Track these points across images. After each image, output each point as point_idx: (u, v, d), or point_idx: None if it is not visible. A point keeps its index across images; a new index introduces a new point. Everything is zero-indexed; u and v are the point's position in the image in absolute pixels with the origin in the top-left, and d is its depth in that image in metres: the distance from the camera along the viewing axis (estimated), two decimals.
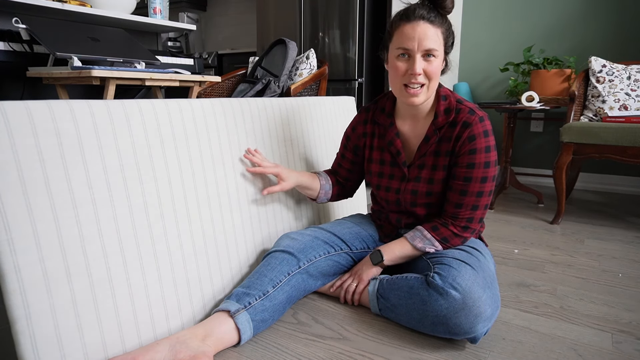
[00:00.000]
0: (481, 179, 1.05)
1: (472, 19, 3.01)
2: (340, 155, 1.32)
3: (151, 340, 0.93)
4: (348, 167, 1.31)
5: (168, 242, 0.97)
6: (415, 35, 1.00)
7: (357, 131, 1.26)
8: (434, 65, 1.02)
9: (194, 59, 2.28)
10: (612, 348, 0.98)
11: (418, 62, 1.01)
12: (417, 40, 1.00)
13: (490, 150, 1.05)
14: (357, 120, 1.26)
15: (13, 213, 0.74)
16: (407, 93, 1.04)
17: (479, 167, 1.05)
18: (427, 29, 1.00)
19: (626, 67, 2.13)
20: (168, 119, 1.00)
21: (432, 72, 1.02)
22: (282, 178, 1.19)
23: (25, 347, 0.74)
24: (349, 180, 1.33)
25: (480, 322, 0.92)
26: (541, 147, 2.93)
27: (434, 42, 1.00)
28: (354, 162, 1.30)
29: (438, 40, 1.01)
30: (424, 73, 1.02)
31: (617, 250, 1.63)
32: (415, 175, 1.14)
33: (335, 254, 1.19)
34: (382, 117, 1.19)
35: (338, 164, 1.33)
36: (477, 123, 1.04)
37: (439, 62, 1.03)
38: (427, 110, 1.13)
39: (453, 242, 1.10)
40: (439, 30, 1.01)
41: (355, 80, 2.62)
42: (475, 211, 1.07)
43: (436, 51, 1.01)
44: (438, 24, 1.01)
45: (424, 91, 1.04)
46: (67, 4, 1.81)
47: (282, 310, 1.05)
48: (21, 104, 0.76)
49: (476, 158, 1.04)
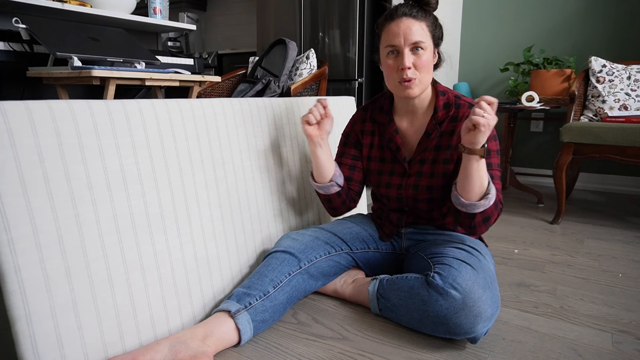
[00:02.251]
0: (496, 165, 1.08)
1: (472, 19, 3.01)
2: (340, 153, 1.29)
3: (151, 340, 0.93)
4: (350, 163, 1.26)
5: (168, 242, 0.97)
6: (400, 31, 1.04)
7: (355, 128, 1.26)
8: (422, 58, 1.05)
9: (194, 59, 2.28)
10: (612, 348, 0.98)
11: (407, 57, 1.04)
12: (402, 36, 1.04)
13: (496, 138, 1.09)
14: (355, 118, 1.27)
15: (13, 213, 0.74)
16: (402, 87, 1.07)
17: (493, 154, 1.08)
18: (410, 23, 1.04)
19: (626, 67, 2.13)
20: (168, 119, 1.00)
21: (421, 65, 1.05)
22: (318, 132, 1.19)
23: (25, 347, 0.74)
24: (352, 181, 1.27)
25: (480, 322, 0.92)
26: (541, 147, 2.93)
27: (420, 35, 1.04)
28: (356, 157, 1.26)
29: (424, 33, 1.05)
30: (414, 66, 1.05)
31: (617, 250, 1.63)
32: (416, 170, 1.15)
33: (336, 254, 1.19)
34: (380, 116, 1.21)
35: (338, 164, 1.28)
36: None
37: (428, 54, 1.06)
38: (425, 106, 1.15)
39: (491, 212, 1.02)
40: (423, 24, 1.05)
41: (355, 80, 2.62)
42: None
43: (423, 43, 1.04)
44: (421, 18, 1.05)
45: (417, 83, 1.07)
46: (67, 4, 1.81)
47: (283, 310, 1.05)
48: (21, 104, 0.76)
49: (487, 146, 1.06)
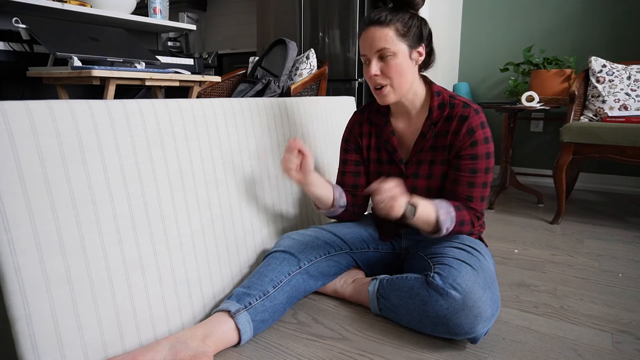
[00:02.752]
0: (484, 170, 1.08)
1: (472, 19, 3.01)
2: (342, 161, 1.27)
3: (151, 340, 0.93)
4: (353, 169, 1.25)
5: (168, 242, 0.97)
6: (367, 42, 1.06)
7: (354, 131, 1.26)
8: (391, 63, 1.05)
9: (194, 59, 2.28)
10: (612, 348, 0.98)
11: (373, 65, 1.06)
12: (368, 46, 1.06)
13: (489, 141, 1.08)
14: (352, 121, 1.27)
15: (13, 213, 0.74)
16: (376, 95, 1.10)
17: (482, 158, 1.07)
18: (374, 31, 1.04)
19: (626, 67, 2.13)
20: (168, 119, 1.00)
21: (389, 71, 1.05)
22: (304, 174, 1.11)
23: (25, 347, 0.74)
24: (358, 187, 1.25)
25: (480, 322, 0.92)
26: (541, 147, 2.93)
27: (384, 42, 1.04)
28: (358, 163, 1.26)
29: (389, 39, 1.04)
30: (382, 73, 1.06)
31: (617, 250, 1.63)
32: (413, 171, 1.15)
33: (336, 254, 1.18)
34: (377, 117, 1.21)
35: (342, 173, 1.27)
36: (474, 115, 1.07)
37: (398, 59, 1.05)
38: (419, 107, 1.15)
39: (463, 229, 1.09)
40: (389, 29, 1.03)
41: (355, 80, 2.62)
42: (483, 202, 1.10)
43: (388, 49, 1.04)
44: (388, 23, 1.04)
45: (389, 90, 1.08)
46: (67, 4, 1.81)
47: (283, 310, 1.05)
48: (21, 104, 0.76)
49: (479, 149, 1.07)
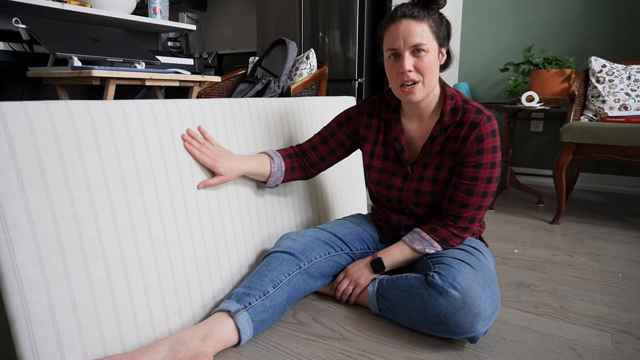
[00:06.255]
0: (487, 179, 1.05)
1: (472, 19, 3.01)
2: (330, 132, 1.24)
3: (151, 340, 0.93)
4: (333, 146, 1.24)
5: (167, 242, 0.97)
6: (400, 34, 1.01)
7: (362, 119, 1.21)
8: (425, 60, 1.01)
9: (194, 59, 2.28)
10: (612, 348, 0.98)
11: (407, 60, 1.01)
12: (402, 39, 1.01)
13: (497, 150, 1.05)
14: (363, 108, 1.22)
15: (11, 213, 0.74)
16: (404, 92, 1.04)
17: (486, 167, 1.05)
18: (410, 25, 1.00)
19: (626, 67, 2.13)
20: (167, 120, 1.00)
21: (423, 67, 1.01)
22: (220, 173, 1.08)
23: (24, 347, 0.74)
24: (315, 167, 1.26)
25: (479, 321, 0.92)
26: (541, 147, 2.92)
27: (420, 37, 1.00)
28: (342, 145, 1.24)
29: (425, 35, 1.01)
30: (415, 69, 1.02)
31: (617, 250, 1.63)
32: (419, 174, 1.13)
33: (336, 254, 1.18)
34: (387, 113, 1.17)
35: (312, 147, 1.25)
36: (485, 123, 1.04)
37: (431, 56, 1.02)
38: (432, 110, 1.11)
39: (452, 242, 1.10)
40: (424, 24, 1.01)
41: (355, 80, 2.62)
42: (479, 211, 1.07)
43: (424, 45, 1.00)
44: (423, 18, 1.01)
45: (420, 88, 1.03)
46: (67, 4, 1.81)
47: (282, 310, 1.05)
48: (19, 105, 0.76)
49: (483, 158, 1.04)
